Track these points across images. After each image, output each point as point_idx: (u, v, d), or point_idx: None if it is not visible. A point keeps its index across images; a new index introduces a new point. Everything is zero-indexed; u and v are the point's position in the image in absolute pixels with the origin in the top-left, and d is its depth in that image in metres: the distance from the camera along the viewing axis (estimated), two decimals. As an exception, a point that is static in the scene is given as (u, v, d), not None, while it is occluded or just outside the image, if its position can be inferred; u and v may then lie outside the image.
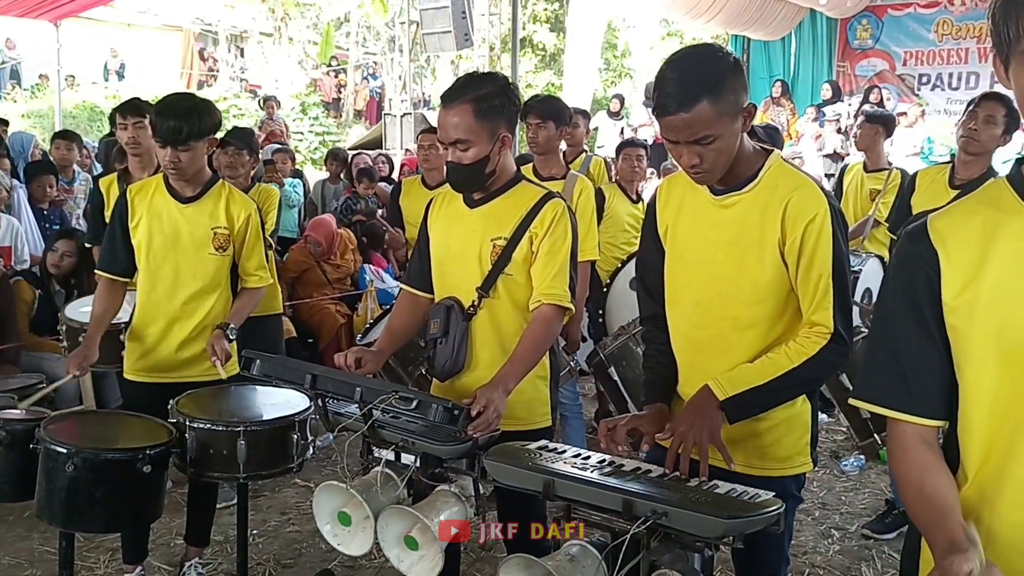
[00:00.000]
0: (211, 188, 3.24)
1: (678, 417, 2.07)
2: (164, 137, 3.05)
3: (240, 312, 3.30)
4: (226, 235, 3.22)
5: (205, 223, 3.20)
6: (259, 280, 3.35)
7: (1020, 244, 1.31)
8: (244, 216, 3.27)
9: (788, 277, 2.06)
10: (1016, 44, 1.22)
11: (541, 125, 4.18)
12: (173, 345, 3.23)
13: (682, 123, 1.96)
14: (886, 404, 1.44)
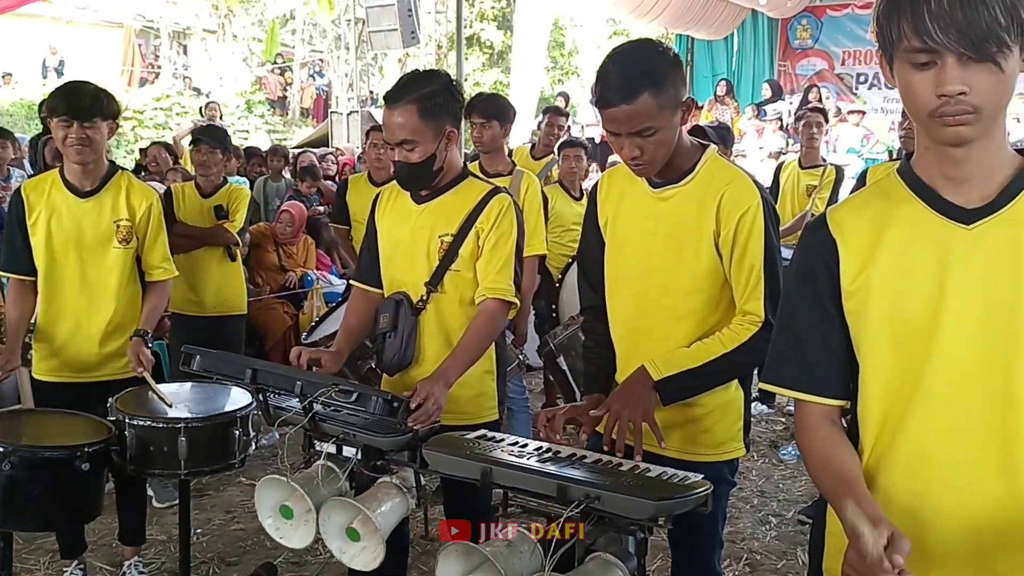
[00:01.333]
0: (110, 180, 3.21)
1: (613, 396, 2.14)
2: (70, 111, 3.02)
3: (153, 314, 3.28)
4: (129, 227, 3.19)
5: (107, 217, 3.17)
6: (164, 272, 3.32)
7: (908, 231, 1.39)
8: (146, 206, 3.23)
9: (723, 268, 2.13)
10: (898, 44, 1.29)
11: (486, 124, 4.23)
12: (84, 343, 3.19)
13: (624, 115, 2.02)
14: (792, 386, 1.51)
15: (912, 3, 1.26)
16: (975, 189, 1.36)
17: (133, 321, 3.24)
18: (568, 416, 2.16)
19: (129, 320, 3.23)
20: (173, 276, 3.39)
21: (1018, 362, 1.33)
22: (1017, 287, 1.33)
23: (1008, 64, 1.26)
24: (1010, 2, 1.23)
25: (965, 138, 1.30)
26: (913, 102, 1.32)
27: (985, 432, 1.36)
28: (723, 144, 4.49)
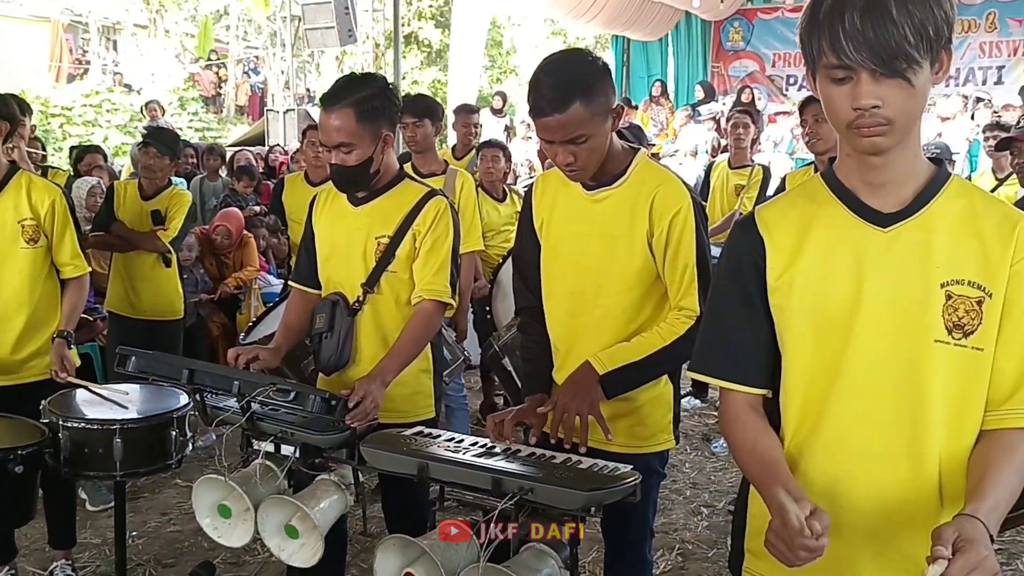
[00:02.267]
0: (10, 180, 3.16)
1: (560, 390, 2.21)
2: None
3: (73, 313, 3.25)
4: (34, 226, 3.16)
5: (11, 217, 3.13)
6: (75, 269, 3.29)
7: (830, 232, 1.49)
8: (48, 203, 3.19)
9: (655, 266, 2.21)
10: (818, 60, 1.37)
11: (418, 124, 4.27)
12: (2, 346, 3.15)
13: (557, 124, 2.09)
14: (719, 375, 1.59)
15: (829, 23, 1.34)
16: (892, 195, 1.46)
17: (51, 319, 3.21)
18: (517, 419, 2.21)
19: (47, 319, 3.20)
20: (87, 271, 3.34)
21: (925, 356, 1.43)
22: (926, 286, 1.43)
23: (918, 79, 1.34)
24: (919, 21, 1.31)
25: (880, 148, 1.39)
26: (833, 114, 1.41)
27: (895, 420, 1.45)
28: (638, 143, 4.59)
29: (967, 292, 1.41)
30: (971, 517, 1.28)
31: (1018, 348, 1.42)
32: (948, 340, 1.42)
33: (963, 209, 1.45)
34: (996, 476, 1.37)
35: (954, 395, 1.44)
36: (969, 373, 1.43)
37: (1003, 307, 1.42)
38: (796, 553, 1.30)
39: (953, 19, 1.36)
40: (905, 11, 1.30)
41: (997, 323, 1.42)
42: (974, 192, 1.49)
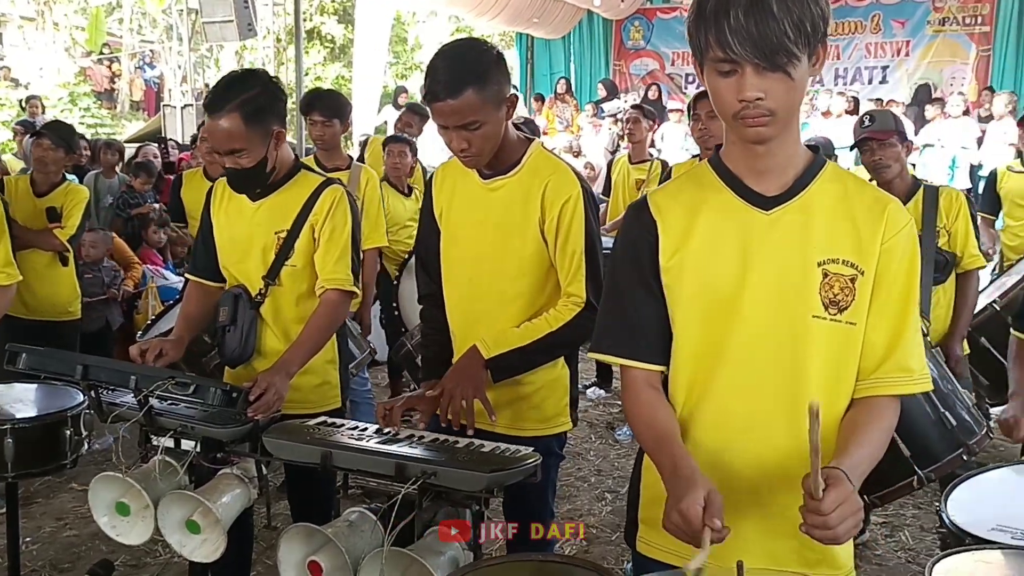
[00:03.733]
0: None
1: (447, 375, 2.26)
2: None
3: None
4: None
5: None
6: (6, 277, 3.20)
7: (717, 216, 1.57)
8: None
9: (548, 253, 2.27)
10: (706, 53, 1.45)
11: (326, 123, 4.25)
12: None
13: (450, 109, 2.13)
14: (618, 354, 1.65)
15: (715, 18, 1.41)
16: (774, 180, 1.55)
17: None
18: (406, 406, 2.25)
19: None
20: (16, 281, 3.26)
21: (804, 331, 1.52)
22: (805, 265, 1.52)
23: (797, 72, 1.42)
24: (797, 17, 1.39)
25: (764, 137, 1.47)
26: (720, 104, 1.48)
27: (776, 391, 1.55)
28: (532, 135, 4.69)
29: (842, 270, 1.51)
30: (835, 469, 1.38)
31: (887, 322, 1.53)
32: (825, 316, 1.51)
33: (838, 193, 1.55)
34: (860, 437, 1.49)
35: (829, 367, 1.53)
36: (843, 346, 1.53)
37: (873, 283, 1.52)
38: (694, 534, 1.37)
39: (828, 15, 1.44)
40: (785, 7, 1.37)
41: (868, 299, 1.52)
42: (848, 177, 1.60)
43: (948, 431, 2.82)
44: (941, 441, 2.81)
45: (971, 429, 2.88)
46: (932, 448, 2.80)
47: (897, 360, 1.54)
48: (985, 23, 12.61)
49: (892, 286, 1.53)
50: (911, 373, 1.54)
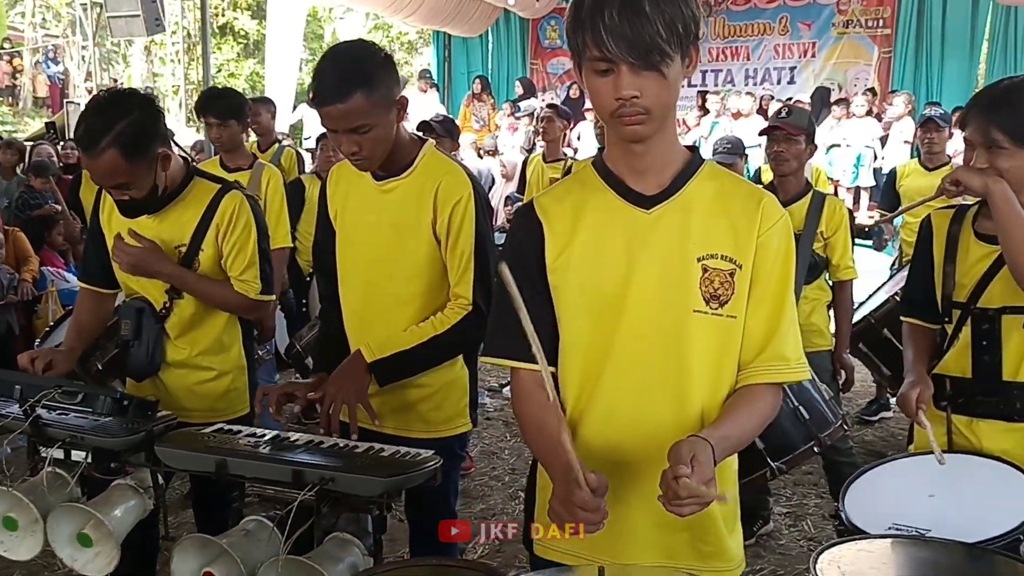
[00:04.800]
0: None
1: (330, 379, 2.24)
2: None
3: None
4: None
5: None
6: None
7: (600, 216, 1.60)
8: None
9: (441, 255, 2.27)
10: (583, 53, 1.47)
11: (222, 125, 4.17)
12: None
13: (339, 113, 2.11)
14: (508, 356, 1.66)
15: (591, 19, 1.43)
16: (653, 179, 1.58)
17: None
18: (285, 391, 2.24)
19: None
20: None
21: (686, 325, 1.56)
22: (685, 261, 1.56)
23: (671, 72, 1.45)
24: (669, 19, 1.42)
25: (641, 135, 1.50)
26: (598, 103, 1.51)
27: (662, 387, 1.58)
28: (450, 136, 4.70)
29: (720, 265, 1.55)
30: (703, 439, 1.43)
31: (764, 313, 1.58)
32: (706, 310, 1.55)
33: (715, 190, 1.59)
34: (734, 415, 1.55)
35: (712, 359, 1.58)
36: (724, 338, 1.57)
37: (751, 277, 1.56)
38: (574, 513, 1.39)
39: (699, 18, 1.48)
40: (657, 8, 1.41)
41: (747, 292, 1.57)
42: (724, 175, 1.64)
43: (802, 424, 2.93)
44: (794, 434, 2.92)
45: (825, 422, 2.99)
46: (785, 441, 2.90)
47: (774, 350, 1.58)
48: (886, 26, 13.06)
49: (768, 278, 1.57)
50: (788, 362, 1.59)
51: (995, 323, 2.16)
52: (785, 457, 2.94)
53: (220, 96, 4.46)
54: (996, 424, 2.19)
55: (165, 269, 2.47)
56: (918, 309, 2.37)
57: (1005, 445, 2.17)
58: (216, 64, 21.31)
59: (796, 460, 3.02)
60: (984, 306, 2.18)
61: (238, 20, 21.42)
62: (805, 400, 3.00)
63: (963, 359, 2.23)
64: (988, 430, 2.20)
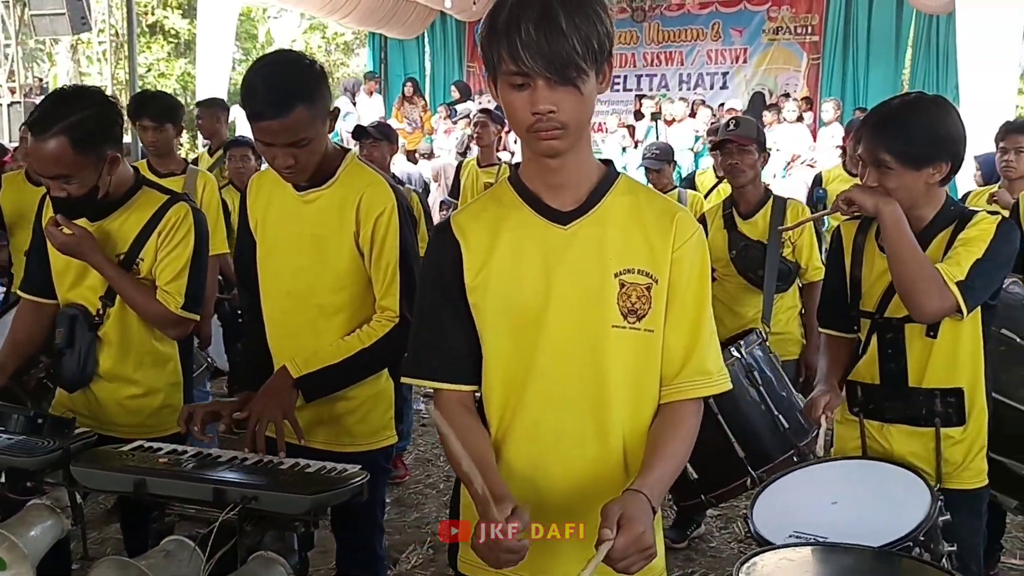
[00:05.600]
0: None
1: (255, 397, 2.20)
2: None
3: None
4: None
5: None
6: None
7: (518, 232, 1.59)
8: None
9: (365, 267, 2.24)
10: (499, 67, 1.46)
11: (158, 128, 4.07)
12: None
13: (280, 127, 2.08)
14: (429, 376, 1.65)
15: (507, 33, 1.42)
16: (569, 194, 1.58)
17: None
18: (210, 410, 2.19)
19: None
20: None
21: (605, 341, 1.56)
22: (602, 277, 1.56)
23: (586, 87, 1.45)
24: (585, 35, 1.42)
25: (557, 150, 1.50)
26: (514, 118, 1.50)
27: (583, 403, 1.59)
28: (387, 140, 4.66)
29: (637, 280, 1.56)
30: (636, 492, 1.44)
31: (684, 326, 1.59)
32: (624, 325, 1.56)
33: (630, 205, 1.60)
34: (663, 450, 1.54)
35: (632, 375, 1.58)
36: (644, 353, 1.58)
37: (668, 291, 1.58)
38: (497, 556, 1.39)
39: (612, 35, 1.49)
40: (573, 24, 1.41)
41: (664, 306, 1.58)
42: (639, 189, 1.65)
43: (781, 434, 2.98)
44: (774, 443, 2.97)
45: (802, 431, 3.04)
46: (765, 450, 2.95)
47: (696, 364, 1.60)
48: (815, 33, 13.35)
49: (686, 293, 1.59)
50: (710, 376, 1.61)
51: (899, 332, 2.23)
52: (765, 466, 2.97)
53: (155, 98, 4.35)
54: (904, 428, 2.28)
55: (95, 257, 2.39)
56: (832, 319, 2.43)
57: (913, 448, 2.26)
58: (146, 64, 20.85)
59: (775, 469, 3.03)
60: (889, 316, 2.25)
61: (168, 19, 20.99)
62: (784, 409, 3.04)
63: (872, 366, 2.30)
64: (898, 434, 2.29)
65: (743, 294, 3.69)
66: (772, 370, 3.14)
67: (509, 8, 1.43)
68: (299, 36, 24.80)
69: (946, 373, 2.22)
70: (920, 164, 2.13)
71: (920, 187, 2.16)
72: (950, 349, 2.21)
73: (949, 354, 2.21)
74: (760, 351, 3.14)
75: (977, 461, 2.27)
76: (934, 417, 2.23)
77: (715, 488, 2.90)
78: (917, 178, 2.14)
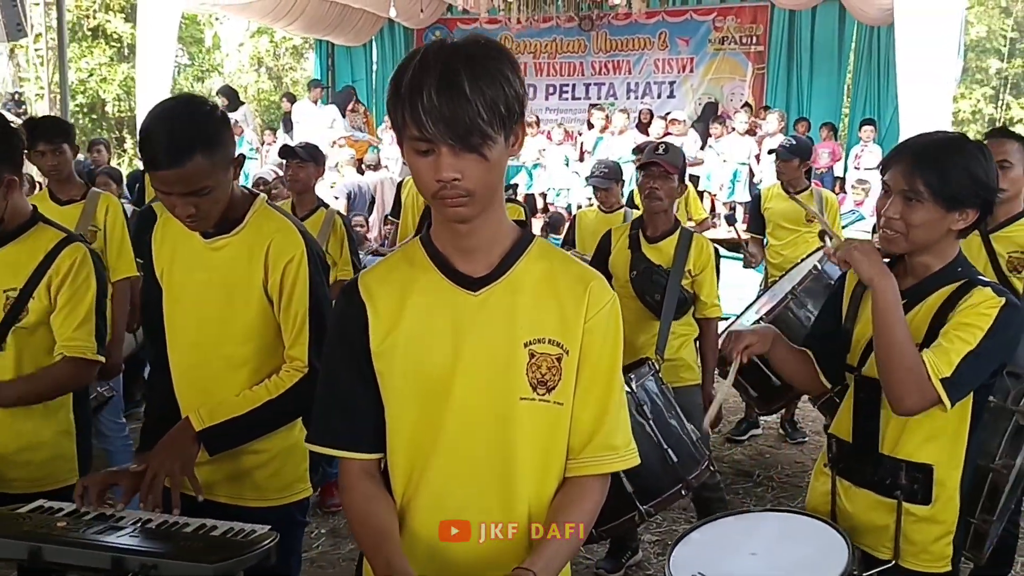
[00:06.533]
0: None
1: (154, 450, 2.09)
2: None
3: None
4: None
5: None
6: None
7: (428, 297, 1.53)
8: None
9: (275, 316, 2.17)
10: (404, 131, 1.40)
11: (56, 150, 3.91)
12: None
13: (177, 177, 1.99)
14: (334, 445, 1.59)
15: (410, 98, 1.36)
16: (481, 259, 1.52)
17: None
18: (106, 482, 2.06)
19: None
20: None
21: (513, 413, 1.51)
22: (512, 346, 1.51)
23: (493, 153, 1.38)
24: (490, 99, 1.35)
25: (464, 217, 1.44)
26: (420, 183, 1.44)
27: (489, 476, 1.53)
28: (314, 162, 4.58)
29: (548, 350, 1.51)
30: (526, 571, 1.40)
31: (593, 400, 1.54)
32: (533, 396, 1.51)
33: (544, 271, 1.54)
34: (561, 527, 1.50)
35: (540, 448, 1.53)
36: (552, 426, 1.53)
37: (579, 362, 1.53)
38: None
39: (523, 97, 1.42)
40: (478, 89, 1.34)
41: (574, 378, 1.53)
42: (554, 255, 1.59)
43: (670, 467, 2.98)
44: (663, 477, 2.97)
45: (692, 464, 3.04)
46: (654, 485, 2.95)
47: (603, 438, 1.55)
48: (759, 43, 13.47)
49: (597, 364, 1.54)
50: (616, 451, 1.56)
51: (875, 393, 2.09)
52: (653, 501, 2.97)
53: (44, 121, 4.15)
54: (869, 494, 2.15)
55: None
56: (813, 345, 2.30)
57: (874, 516, 2.14)
58: (88, 68, 20.41)
59: (664, 503, 3.06)
60: (867, 374, 2.13)
61: (111, 23, 20.56)
62: (674, 443, 3.04)
63: (847, 422, 2.20)
64: (862, 499, 2.16)
65: (638, 319, 3.65)
66: (664, 402, 3.15)
67: (412, 71, 1.37)
68: (247, 40, 24.47)
69: (918, 446, 2.07)
70: (952, 205, 1.98)
71: (942, 230, 2.01)
72: (926, 422, 2.04)
73: (924, 428, 2.06)
74: (652, 383, 3.15)
75: (940, 546, 2.10)
76: (896, 489, 2.09)
77: (603, 522, 2.89)
78: (944, 219, 2.00)
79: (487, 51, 1.39)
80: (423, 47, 1.41)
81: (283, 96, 15.93)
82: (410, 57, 1.40)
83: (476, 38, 1.41)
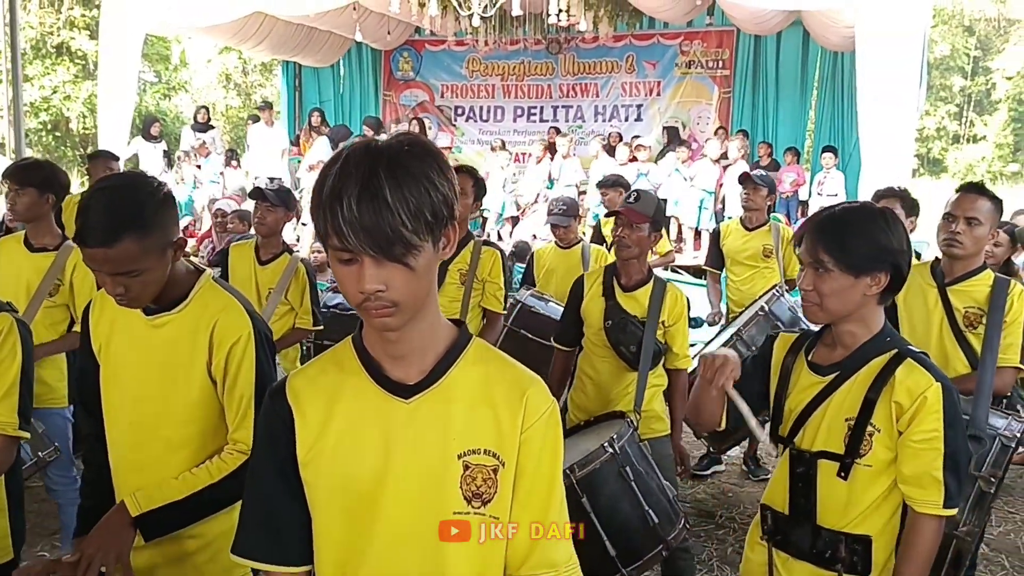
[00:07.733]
0: None
1: (88, 536, 2.00)
2: None
3: None
4: None
5: None
6: None
7: (357, 404, 1.45)
8: None
9: (218, 397, 2.10)
10: (326, 240, 1.33)
11: (20, 192, 3.78)
12: None
13: (103, 257, 1.93)
14: (261, 558, 1.52)
15: (330, 206, 1.29)
16: (413, 366, 1.45)
17: None
18: (44, 572, 1.96)
19: None
20: None
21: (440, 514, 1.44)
22: (444, 458, 1.43)
23: (419, 261, 1.32)
24: (414, 207, 1.28)
25: (391, 327, 1.36)
26: (345, 293, 1.37)
27: None
28: (284, 207, 4.46)
29: (483, 461, 1.43)
30: None
31: (530, 514, 1.47)
32: (467, 510, 1.43)
33: (480, 377, 1.47)
34: None
35: (475, 564, 1.45)
36: (487, 542, 1.45)
37: (515, 474, 1.45)
38: None
39: (453, 199, 1.35)
40: (400, 197, 1.28)
41: (511, 491, 1.45)
42: (492, 358, 1.51)
43: (651, 528, 2.93)
44: (645, 539, 2.93)
45: (669, 524, 3.00)
46: (636, 547, 2.91)
47: (541, 555, 1.48)
48: (726, 67, 13.56)
49: (534, 477, 1.46)
50: (556, 568, 1.49)
51: (811, 467, 2.10)
52: (635, 563, 2.92)
53: (23, 163, 4.03)
54: (807, 566, 2.14)
55: None
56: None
57: None
58: (51, 86, 20.16)
59: (646, 566, 3.00)
60: (801, 447, 2.13)
61: (75, 40, 20.35)
62: (653, 502, 2.99)
63: (783, 494, 2.18)
64: (801, 572, 2.16)
65: (611, 369, 3.58)
66: (642, 461, 3.10)
67: (333, 177, 1.30)
68: (215, 57, 24.31)
69: (856, 518, 2.08)
70: (859, 271, 2.03)
71: (856, 297, 2.05)
72: (863, 494, 2.07)
73: (862, 499, 2.07)
74: (632, 444, 3.09)
75: None
76: (836, 562, 2.09)
77: None
78: (855, 286, 2.04)
79: (412, 153, 1.32)
80: (345, 150, 1.34)
81: (249, 117, 15.84)
82: (332, 161, 1.33)
83: (401, 139, 1.34)
